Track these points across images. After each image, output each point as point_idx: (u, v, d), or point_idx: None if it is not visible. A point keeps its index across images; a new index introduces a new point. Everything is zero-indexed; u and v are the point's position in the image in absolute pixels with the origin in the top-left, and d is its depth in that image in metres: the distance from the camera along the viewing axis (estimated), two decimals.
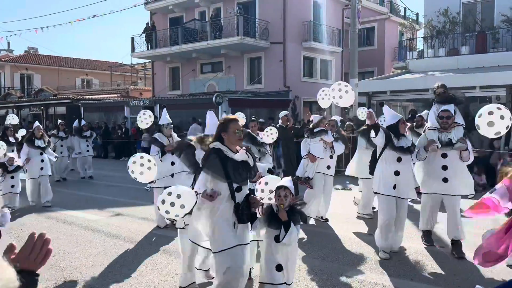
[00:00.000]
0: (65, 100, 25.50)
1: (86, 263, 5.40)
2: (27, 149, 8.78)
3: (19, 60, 35.82)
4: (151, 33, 23.56)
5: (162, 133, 6.93)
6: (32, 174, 8.86)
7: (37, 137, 8.93)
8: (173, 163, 6.69)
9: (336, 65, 23.36)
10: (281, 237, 3.56)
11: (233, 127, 3.63)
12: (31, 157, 8.74)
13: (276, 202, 3.69)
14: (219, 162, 3.55)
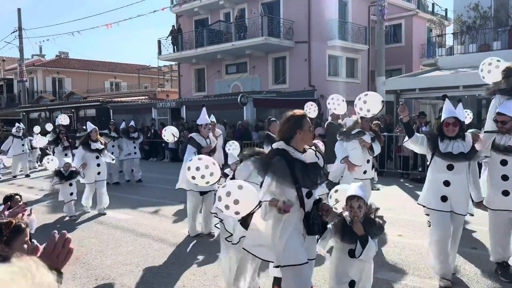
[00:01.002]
0: (95, 103, 26.15)
1: (117, 262, 5.52)
2: (82, 153, 8.25)
3: (51, 65, 36.98)
4: (177, 35, 23.89)
5: (200, 133, 6.50)
6: (89, 179, 8.34)
7: (93, 139, 8.37)
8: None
9: (362, 63, 23.06)
10: (357, 252, 3.17)
11: (307, 124, 3.21)
12: (87, 161, 8.21)
13: (349, 214, 3.28)
14: (286, 164, 3.12)
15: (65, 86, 36.65)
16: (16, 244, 1.84)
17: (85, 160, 8.19)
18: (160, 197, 9.85)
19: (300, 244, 3.13)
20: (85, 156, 8.22)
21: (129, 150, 12.32)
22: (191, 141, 6.39)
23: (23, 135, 14.28)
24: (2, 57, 38.96)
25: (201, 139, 6.42)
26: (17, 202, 4.69)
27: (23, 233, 1.90)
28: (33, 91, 36.45)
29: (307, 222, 3.13)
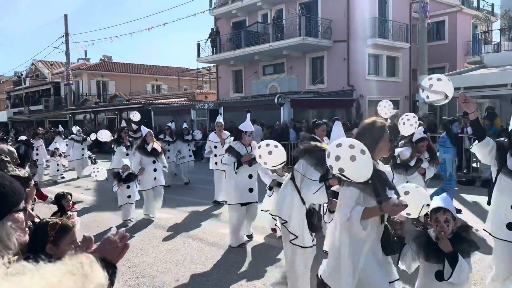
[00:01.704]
0: (137, 105, 26.93)
1: (157, 260, 5.67)
2: (139, 158, 7.88)
3: (95, 68, 38.45)
4: (216, 38, 24.21)
5: (241, 141, 6.02)
6: (145, 185, 7.90)
7: (149, 143, 7.93)
8: (251, 176, 5.94)
9: (404, 62, 22.45)
10: (445, 274, 2.70)
11: (387, 134, 2.91)
12: (144, 166, 7.82)
13: (434, 229, 2.85)
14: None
15: (109, 89, 37.98)
16: (63, 244, 1.90)
17: (142, 165, 7.82)
18: (199, 197, 10.01)
19: (379, 268, 2.75)
20: (142, 161, 7.85)
21: (184, 153, 11.81)
22: (230, 150, 5.98)
23: (82, 139, 14.40)
24: (50, 62, 40.86)
25: (241, 147, 5.95)
26: (68, 201, 4.92)
27: (70, 232, 1.96)
28: (79, 93, 38.01)
29: (387, 241, 2.76)
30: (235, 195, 5.88)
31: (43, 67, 42.98)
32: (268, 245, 6.23)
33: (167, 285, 4.83)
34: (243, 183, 5.91)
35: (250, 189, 5.94)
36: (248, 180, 5.94)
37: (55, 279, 0.69)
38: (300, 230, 3.86)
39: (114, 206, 9.23)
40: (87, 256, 0.88)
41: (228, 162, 5.91)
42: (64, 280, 0.69)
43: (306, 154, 3.83)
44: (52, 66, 41.21)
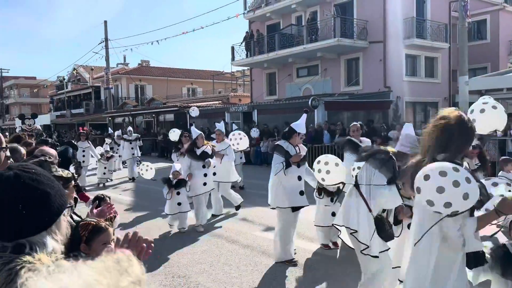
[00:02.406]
0: (173, 108, 27.48)
1: (192, 260, 5.76)
2: (188, 162, 7.41)
3: (134, 73, 39.56)
4: (250, 41, 24.36)
5: (289, 141, 5.53)
6: (195, 191, 7.41)
7: (199, 146, 7.50)
8: (300, 177, 5.49)
9: (443, 62, 21.78)
10: None
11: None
12: (193, 171, 7.36)
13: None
14: None
15: (147, 93, 38.96)
16: (95, 244, 1.96)
17: (191, 169, 7.36)
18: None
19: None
20: (191, 166, 7.39)
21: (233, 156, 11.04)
22: (278, 149, 5.48)
23: (134, 139, 14.23)
24: (91, 67, 42.35)
25: (289, 146, 5.49)
26: (107, 203, 5.08)
27: (103, 233, 2.01)
28: (118, 97, 39.21)
29: (475, 252, 2.37)
30: (284, 198, 5.37)
31: (84, 72, 44.65)
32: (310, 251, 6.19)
33: (202, 285, 4.90)
34: (292, 185, 5.41)
35: (301, 192, 5.44)
36: (297, 182, 5.45)
37: (92, 278, 0.71)
38: (370, 239, 3.61)
39: (152, 207, 9.44)
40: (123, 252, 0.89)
41: (276, 162, 5.40)
42: (100, 278, 0.71)
43: (370, 158, 3.66)
44: (92, 71, 42.69)
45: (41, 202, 1.30)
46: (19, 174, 1.31)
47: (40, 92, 50.91)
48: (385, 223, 3.69)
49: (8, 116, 57.17)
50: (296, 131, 5.51)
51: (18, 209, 1.26)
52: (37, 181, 1.32)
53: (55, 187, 1.37)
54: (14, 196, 1.28)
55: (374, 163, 3.61)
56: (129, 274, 0.72)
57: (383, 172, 3.52)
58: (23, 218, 1.27)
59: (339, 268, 5.25)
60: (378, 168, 3.56)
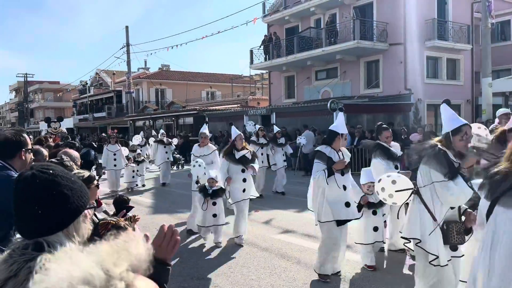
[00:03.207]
0: (192, 112, 27.76)
1: (210, 263, 5.80)
2: (226, 166, 6.70)
3: (154, 77, 40.13)
4: (268, 44, 24.41)
5: (331, 146, 4.91)
6: (235, 197, 6.72)
7: (238, 149, 6.74)
8: (345, 187, 4.88)
9: (465, 64, 21.37)
10: None
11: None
12: (232, 176, 6.64)
13: None
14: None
15: (167, 96, 39.44)
16: None
17: (230, 174, 6.66)
18: (254, 202, 10.09)
19: None
20: (229, 170, 6.69)
21: (275, 160, 10.41)
22: (319, 155, 4.88)
23: (167, 142, 13.69)
24: (113, 71, 43.14)
25: (332, 152, 4.86)
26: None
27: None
28: (139, 101, 39.80)
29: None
30: (327, 211, 4.77)
31: (106, 76, 45.53)
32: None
33: (220, 287, 4.92)
34: (336, 196, 4.81)
35: (347, 204, 4.83)
36: (342, 192, 4.84)
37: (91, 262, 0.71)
38: (437, 248, 3.42)
39: (170, 209, 9.54)
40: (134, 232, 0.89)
41: (317, 170, 4.82)
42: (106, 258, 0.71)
43: (420, 157, 3.54)
44: (114, 75, 43.50)
45: (57, 203, 1.32)
46: (36, 174, 1.34)
47: (64, 96, 52.06)
48: (449, 230, 3.45)
49: (33, 119, 58.66)
50: (338, 133, 4.87)
51: (34, 208, 1.29)
52: (53, 181, 1.34)
53: (74, 188, 1.39)
54: (30, 195, 1.31)
55: (424, 161, 3.46)
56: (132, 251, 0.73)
57: (435, 167, 3.35)
58: (38, 217, 1.29)
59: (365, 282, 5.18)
60: (429, 165, 3.40)
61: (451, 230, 3.42)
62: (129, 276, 0.69)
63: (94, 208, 1.59)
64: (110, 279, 0.67)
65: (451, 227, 3.43)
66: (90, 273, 0.66)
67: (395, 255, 5.80)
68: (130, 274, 0.69)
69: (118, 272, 0.68)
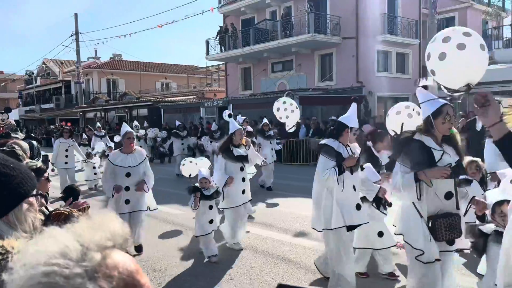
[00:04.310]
0: (146, 103, 27.16)
1: (168, 254, 5.76)
2: (223, 163, 5.90)
3: (105, 67, 38.77)
4: (224, 35, 24.29)
5: (339, 140, 4.21)
6: (232, 201, 5.85)
7: (236, 144, 6.01)
8: (355, 187, 4.22)
9: (413, 58, 22.34)
10: None
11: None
12: (230, 175, 5.81)
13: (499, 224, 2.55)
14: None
15: (119, 87, 38.29)
16: None
17: (228, 173, 5.86)
18: None
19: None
20: (226, 168, 5.88)
21: (264, 155, 9.31)
22: (326, 149, 4.17)
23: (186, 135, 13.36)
24: (61, 60, 41.25)
25: (340, 147, 4.18)
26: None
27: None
28: (89, 92, 38.39)
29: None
30: (338, 215, 4.07)
31: (54, 66, 43.45)
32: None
33: (178, 278, 4.92)
34: (347, 198, 4.13)
35: (358, 206, 4.18)
36: (353, 192, 4.19)
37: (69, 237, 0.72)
38: (423, 244, 3.24)
39: None
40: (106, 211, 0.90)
41: (324, 167, 4.12)
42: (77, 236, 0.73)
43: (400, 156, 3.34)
44: (62, 65, 41.62)
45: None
46: None
47: (8, 87, 49.23)
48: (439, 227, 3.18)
49: None
50: (347, 126, 4.20)
51: None
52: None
53: (13, 174, 1.34)
54: None
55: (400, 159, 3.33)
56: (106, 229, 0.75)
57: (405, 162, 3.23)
58: None
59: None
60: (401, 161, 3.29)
61: (439, 226, 3.17)
62: (105, 248, 0.71)
63: (41, 197, 1.54)
64: (87, 251, 0.68)
65: (438, 224, 3.17)
66: (66, 245, 0.68)
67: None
68: (106, 247, 0.71)
69: (94, 244, 0.70)
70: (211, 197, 5.35)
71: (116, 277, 0.70)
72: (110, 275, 0.69)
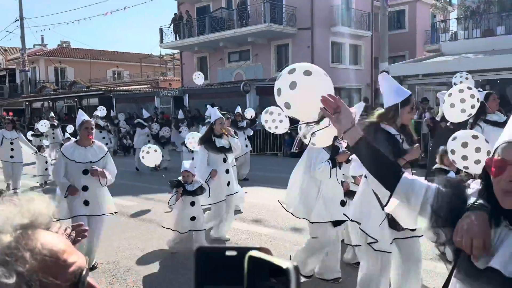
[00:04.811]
0: (97, 92, 26.20)
1: (122, 246, 5.60)
2: (205, 155, 5.55)
3: (53, 54, 36.91)
4: (179, 23, 23.79)
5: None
6: (217, 196, 5.50)
7: (218, 134, 5.68)
8: (342, 182, 4.28)
9: (366, 50, 22.94)
10: None
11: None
12: (213, 168, 5.53)
13: None
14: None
15: (68, 76, 36.66)
16: None
17: (210, 165, 5.53)
18: (165, 184, 9.90)
19: None
20: (209, 160, 5.55)
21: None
22: None
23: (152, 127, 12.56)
24: (4, 47, 38.92)
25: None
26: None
27: None
28: (36, 80, 36.49)
29: None
30: (323, 210, 4.01)
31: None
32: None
33: (132, 270, 4.79)
34: (334, 193, 4.08)
35: (342, 202, 4.13)
36: (339, 188, 4.15)
37: None
38: (380, 234, 3.20)
39: None
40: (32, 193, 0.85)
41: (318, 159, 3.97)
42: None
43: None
44: (6, 52, 39.29)
45: None
46: None
47: None
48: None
49: None
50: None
51: None
52: None
53: None
54: None
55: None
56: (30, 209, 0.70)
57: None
58: None
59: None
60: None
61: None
62: (21, 229, 0.66)
63: None
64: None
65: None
66: None
67: None
68: (22, 227, 0.66)
69: (8, 226, 0.64)
70: (195, 193, 4.93)
71: (34, 258, 0.65)
72: (26, 257, 0.65)
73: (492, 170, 1.34)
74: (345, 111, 1.68)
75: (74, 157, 4.60)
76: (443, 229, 1.44)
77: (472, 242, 1.31)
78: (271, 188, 8.83)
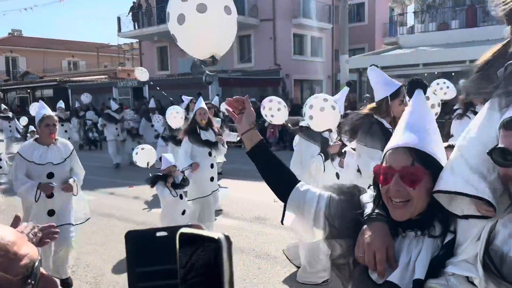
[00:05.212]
0: (52, 83, 25.11)
1: (81, 241, 5.39)
2: (189, 148, 5.23)
3: (3, 43, 34.98)
4: (138, 12, 23.11)
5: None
6: (202, 190, 5.16)
7: (202, 125, 5.30)
8: (338, 175, 4.11)
9: (326, 42, 23.22)
10: None
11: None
12: (197, 161, 5.15)
13: None
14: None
15: (19, 66, 34.91)
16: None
17: (194, 159, 5.16)
18: (125, 178, 9.66)
19: None
20: (193, 153, 5.23)
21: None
22: (309, 133, 3.99)
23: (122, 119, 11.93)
24: None
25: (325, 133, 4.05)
26: None
27: None
28: None
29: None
30: None
31: None
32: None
33: (92, 266, 4.64)
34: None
35: None
36: (336, 181, 3.83)
37: None
38: None
39: None
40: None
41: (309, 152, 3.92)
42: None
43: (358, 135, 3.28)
44: None
45: None
46: None
47: None
48: None
49: None
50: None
51: None
52: None
53: None
54: None
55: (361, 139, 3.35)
56: None
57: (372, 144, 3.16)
58: None
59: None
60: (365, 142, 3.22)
61: None
62: None
63: None
64: None
65: None
66: None
67: None
68: None
69: None
70: (181, 185, 4.67)
71: None
72: None
73: (380, 179, 1.27)
74: (248, 111, 1.60)
75: (34, 158, 3.86)
76: (338, 241, 1.36)
77: (374, 256, 1.22)
78: (232, 180, 8.81)
